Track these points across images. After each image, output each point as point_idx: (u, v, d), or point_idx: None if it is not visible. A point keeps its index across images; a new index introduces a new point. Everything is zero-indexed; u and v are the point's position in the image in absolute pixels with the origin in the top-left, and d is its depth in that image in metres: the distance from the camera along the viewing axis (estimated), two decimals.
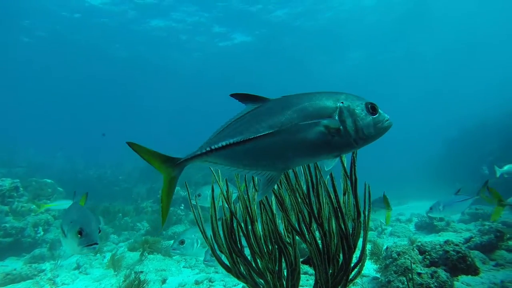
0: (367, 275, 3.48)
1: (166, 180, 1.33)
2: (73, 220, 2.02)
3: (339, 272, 1.54)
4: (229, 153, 1.26)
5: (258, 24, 21.41)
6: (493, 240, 3.90)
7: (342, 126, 1.20)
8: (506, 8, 19.93)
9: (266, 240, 1.73)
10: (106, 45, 22.73)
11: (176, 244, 2.86)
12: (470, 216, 7.21)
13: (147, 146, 1.32)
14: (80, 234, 1.92)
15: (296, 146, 1.21)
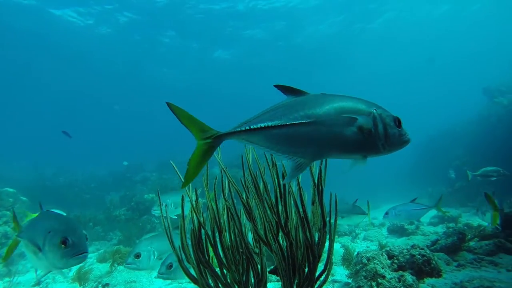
0: (339, 281, 3.53)
1: (200, 149, 1.34)
2: (52, 229, 1.66)
3: (304, 281, 1.55)
4: (266, 135, 1.34)
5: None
6: (456, 242, 4.09)
7: (373, 129, 1.32)
8: (469, 19, 21.32)
9: (233, 251, 1.72)
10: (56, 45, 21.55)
11: (131, 258, 2.64)
12: (439, 219, 7.56)
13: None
14: (64, 244, 1.59)
15: (329, 138, 1.31)
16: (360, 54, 25.00)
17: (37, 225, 1.85)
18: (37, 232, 1.73)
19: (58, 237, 1.54)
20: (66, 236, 1.55)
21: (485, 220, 4.29)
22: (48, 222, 1.76)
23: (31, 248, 1.68)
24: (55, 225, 1.70)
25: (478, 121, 11.83)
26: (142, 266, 2.65)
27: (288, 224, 1.61)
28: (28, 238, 1.71)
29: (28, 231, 1.78)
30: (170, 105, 1.30)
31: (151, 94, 30.67)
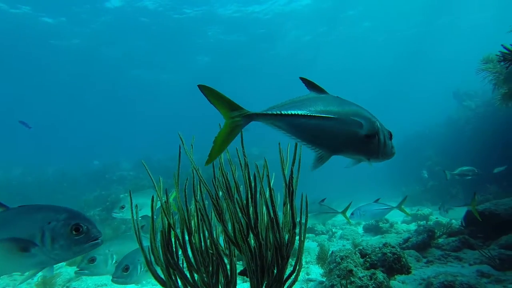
0: (314, 279, 3.57)
1: (227, 127, 1.34)
2: (52, 219, 1.39)
3: (273, 282, 1.54)
4: (294, 123, 1.41)
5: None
6: (426, 239, 4.25)
7: (377, 137, 1.51)
8: (443, 24, 22.30)
9: (202, 252, 1.68)
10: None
11: (85, 262, 2.37)
12: (412, 217, 7.85)
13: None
14: (76, 231, 1.38)
15: (346, 136, 1.46)
16: (336, 58, 25.55)
17: (18, 221, 1.51)
18: (23, 227, 1.43)
19: (67, 226, 1.35)
20: (78, 222, 1.38)
21: (446, 217, 4.54)
22: (40, 214, 1.48)
23: (14, 247, 1.36)
24: (52, 214, 1.45)
25: (448, 123, 12.39)
26: (96, 271, 2.40)
27: (258, 225, 1.60)
28: (9, 237, 1.40)
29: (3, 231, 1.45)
30: (201, 86, 1.32)
31: (130, 92, 29.94)
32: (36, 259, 1.21)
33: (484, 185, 8.23)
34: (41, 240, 1.22)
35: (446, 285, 2.62)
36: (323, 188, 17.83)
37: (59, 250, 1.22)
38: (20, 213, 1.31)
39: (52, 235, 1.23)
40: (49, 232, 1.24)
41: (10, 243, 1.18)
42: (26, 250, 1.20)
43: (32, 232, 1.23)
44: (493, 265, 3.20)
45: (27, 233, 1.25)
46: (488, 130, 9.17)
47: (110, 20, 19.12)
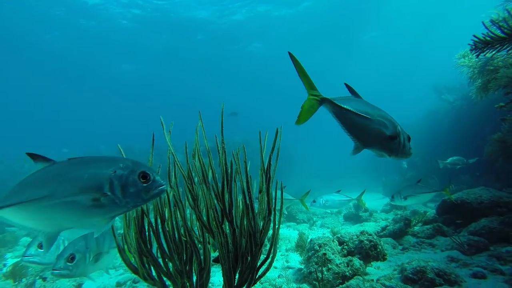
0: (292, 267, 3.62)
1: (308, 101, 1.64)
2: (117, 168, 1.26)
3: (246, 269, 1.52)
4: (346, 116, 1.73)
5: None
6: (402, 227, 4.39)
7: (398, 138, 1.80)
8: (426, 19, 22.70)
9: (175, 240, 1.64)
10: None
11: (34, 248, 2.16)
12: (391, 206, 8.08)
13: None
14: (144, 178, 1.28)
15: (376, 134, 1.75)
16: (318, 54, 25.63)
17: (81, 172, 1.29)
18: (89, 178, 1.27)
19: (134, 173, 1.25)
20: (144, 170, 1.27)
21: (403, 204, 4.73)
22: (102, 163, 1.33)
23: (86, 198, 1.21)
24: (115, 163, 1.30)
25: (428, 116, 12.74)
26: (47, 259, 2.18)
27: (232, 211, 1.57)
28: (74, 189, 1.21)
29: (65, 184, 1.21)
30: (292, 56, 1.57)
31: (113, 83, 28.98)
32: (107, 209, 1.16)
33: (459, 175, 8.57)
34: (110, 189, 1.16)
35: (419, 270, 2.71)
36: (310, 178, 18.13)
37: (129, 198, 1.18)
38: (80, 164, 1.21)
39: (121, 184, 1.17)
40: (117, 181, 1.17)
41: (81, 195, 1.11)
42: (98, 200, 1.14)
43: (100, 182, 1.15)
44: (462, 250, 3.34)
45: (95, 183, 1.16)
46: (465, 123, 9.50)
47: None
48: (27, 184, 1.14)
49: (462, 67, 5.21)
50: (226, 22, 21.78)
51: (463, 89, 10.44)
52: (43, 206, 1.08)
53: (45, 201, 1.07)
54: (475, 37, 2.61)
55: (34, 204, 1.08)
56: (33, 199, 1.07)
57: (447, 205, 4.63)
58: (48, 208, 1.09)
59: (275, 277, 3.19)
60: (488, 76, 4.27)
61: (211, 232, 1.55)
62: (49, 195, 1.07)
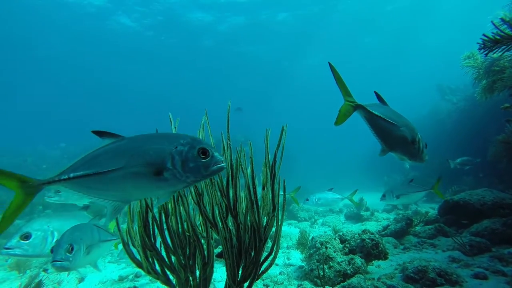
0: (294, 264, 3.63)
1: (345, 107, 1.91)
2: (179, 144, 1.30)
3: (250, 265, 1.53)
4: (376, 121, 1.94)
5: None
6: (404, 227, 4.39)
7: (417, 144, 1.99)
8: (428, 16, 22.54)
9: (179, 235, 1.65)
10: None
11: (16, 239, 1.93)
12: (392, 205, 8.08)
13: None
14: (204, 154, 1.29)
15: (400, 139, 1.95)
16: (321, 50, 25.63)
17: (146, 147, 1.32)
18: (153, 153, 1.30)
19: (194, 149, 1.27)
20: (204, 146, 1.29)
21: (395, 202, 4.77)
22: (164, 139, 1.34)
23: (150, 171, 1.24)
24: (176, 139, 1.34)
25: (430, 116, 12.67)
26: (31, 251, 1.95)
27: (237, 207, 1.57)
28: (143, 162, 1.25)
29: (135, 157, 1.26)
30: (331, 66, 1.76)
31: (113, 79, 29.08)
32: (168, 183, 1.21)
33: (461, 177, 8.54)
34: (172, 164, 1.20)
35: (420, 269, 2.71)
36: (311, 177, 18.14)
37: (189, 172, 1.22)
38: (147, 140, 1.27)
39: (182, 159, 1.22)
40: (178, 156, 1.22)
41: (146, 168, 1.17)
42: (160, 174, 1.19)
43: (163, 157, 1.20)
44: (464, 251, 3.34)
45: (158, 158, 1.20)
46: (468, 123, 9.45)
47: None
48: (99, 156, 1.18)
49: (467, 68, 5.19)
50: (226, 24, 21.96)
51: (467, 89, 10.38)
52: (117, 177, 1.15)
53: (120, 172, 1.13)
54: (485, 35, 2.60)
55: (110, 174, 1.14)
56: (112, 170, 1.13)
57: (449, 206, 4.62)
58: (121, 179, 1.15)
59: (276, 274, 3.20)
60: (493, 76, 4.25)
61: (216, 227, 1.56)
62: (123, 167, 1.13)
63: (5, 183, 1.08)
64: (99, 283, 3.43)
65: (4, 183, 1.08)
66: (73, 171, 1.14)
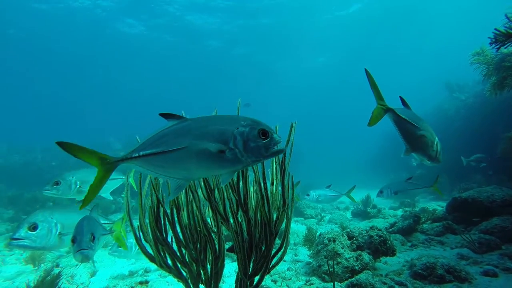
0: (301, 261, 3.65)
1: (376, 109, 2.08)
2: (240, 125, 1.31)
3: (260, 259, 1.56)
4: (402, 125, 2.13)
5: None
6: (411, 224, 4.37)
7: (436, 149, 2.20)
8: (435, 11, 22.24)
9: (191, 229, 1.68)
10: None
11: (24, 229, 1.90)
12: (400, 203, 8.04)
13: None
14: (264, 135, 1.31)
15: (419, 139, 2.12)
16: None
17: (210, 128, 1.37)
18: (217, 133, 1.34)
19: (254, 130, 1.30)
20: (264, 128, 1.32)
21: (391, 199, 4.78)
22: (226, 120, 1.40)
23: (215, 149, 1.29)
24: (237, 121, 1.38)
25: (437, 113, 12.52)
26: (38, 242, 1.92)
27: (247, 201, 1.60)
28: (207, 142, 1.30)
29: (199, 137, 1.31)
30: (367, 71, 1.93)
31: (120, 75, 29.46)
32: (230, 162, 1.26)
33: (469, 174, 8.45)
34: (234, 144, 1.25)
35: (428, 266, 2.71)
36: (318, 174, 18.11)
37: (250, 152, 1.26)
38: (209, 121, 1.32)
39: (243, 139, 1.26)
40: (240, 136, 1.26)
41: (209, 147, 1.23)
42: (224, 154, 1.25)
43: (225, 137, 1.25)
44: (473, 248, 3.32)
45: (221, 138, 1.25)
46: (476, 121, 9.32)
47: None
48: (165, 136, 1.25)
49: (476, 64, 5.12)
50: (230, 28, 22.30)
51: (476, 86, 10.23)
52: (181, 156, 1.21)
53: (184, 151, 1.19)
54: (497, 30, 2.57)
55: (175, 153, 1.21)
56: (177, 149, 1.20)
57: (457, 203, 4.58)
58: (184, 158, 1.21)
59: (284, 270, 3.23)
60: (504, 72, 4.19)
61: (227, 222, 1.59)
62: (187, 146, 1.20)
63: (88, 160, 1.20)
64: (110, 277, 3.50)
65: (87, 160, 1.20)
66: (142, 149, 1.21)
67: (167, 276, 3.41)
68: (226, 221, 1.59)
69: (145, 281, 2.54)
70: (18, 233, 1.88)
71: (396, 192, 4.73)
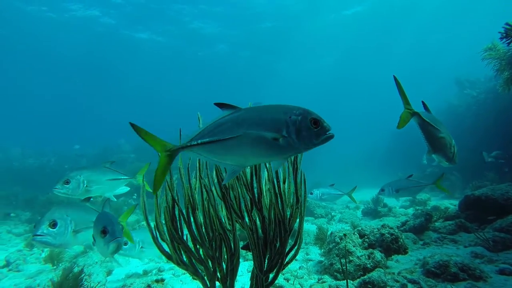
0: (313, 259, 3.67)
1: (404, 114, 2.21)
2: (292, 114, 1.34)
3: (275, 255, 1.59)
4: (425, 127, 2.28)
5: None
6: (423, 222, 4.34)
7: (453, 151, 2.34)
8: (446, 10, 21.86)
9: (206, 227, 1.72)
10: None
11: (45, 226, 1.95)
12: (410, 202, 7.96)
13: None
14: (316, 124, 1.37)
15: (440, 141, 2.30)
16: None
17: (264, 117, 1.43)
18: (271, 122, 1.39)
19: (306, 119, 1.35)
20: (315, 117, 1.38)
21: (393, 197, 4.73)
22: (279, 110, 1.44)
23: (269, 136, 1.35)
24: (290, 110, 1.43)
25: (448, 110, 12.32)
26: (58, 239, 1.97)
27: (261, 200, 1.64)
28: (262, 130, 1.37)
29: (254, 125, 1.39)
30: (395, 78, 2.05)
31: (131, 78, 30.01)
32: (282, 150, 1.33)
33: (482, 172, 8.30)
34: (287, 132, 1.32)
35: (441, 264, 2.70)
36: (326, 172, 18.03)
37: (302, 140, 1.32)
38: (263, 110, 1.40)
39: (296, 127, 1.32)
40: (292, 125, 1.32)
41: (263, 135, 1.30)
42: (277, 140, 1.31)
43: (278, 126, 1.32)
44: (487, 247, 3.28)
45: (274, 126, 1.32)
46: (489, 117, 9.15)
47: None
48: (221, 125, 1.32)
49: (488, 60, 5.05)
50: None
51: (487, 82, 10.03)
52: (237, 143, 1.28)
53: (240, 139, 1.27)
54: (508, 24, 2.55)
55: (231, 141, 1.28)
56: (233, 137, 1.28)
57: (470, 201, 4.52)
58: (240, 146, 1.29)
59: (296, 268, 3.26)
60: None
61: (242, 219, 1.63)
62: (242, 135, 1.27)
63: (152, 145, 1.28)
64: (126, 276, 3.58)
65: (152, 145, 1.28)
66: (200, 138, 1.29)
67: (180, 275, 3.47)
68: (241, 219, 1.63)
69: (161, 279, 2.61)
70: (40, 230, 1.93)
71: (398, 190, 4.72)
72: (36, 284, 3.24)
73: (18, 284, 3.41)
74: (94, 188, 2.69)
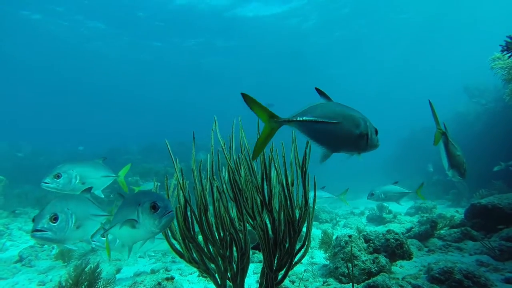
0: (318, 263, 3.71)
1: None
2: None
3: (284, 255, 1.66)
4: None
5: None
6: (428, 229, 4.35)
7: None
8: (454, 17, 21.80)
9: (218, 227, 1.80)
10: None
11: (46, 220, 1.79)
12: (415, 209, 7.94)
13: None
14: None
15: (453, 157, 2.61)
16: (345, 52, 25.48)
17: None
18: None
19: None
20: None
21: (380, 200, 4.83)
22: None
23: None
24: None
25: (456, 118, 12.25)
26: (59, 235, 1.84)
27: (272, 202, 1.71)
28: (353, 124, 1.55)
29: (345, 118, 1.54)
30: (430, 102, 2.31)
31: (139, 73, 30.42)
32: (360, 146, 1.50)
33: (490, 180, 8.24)
34: (370, 132, 1.49)
35: (446, 270, 2.72)
36: (329, 177, 17.97)
37: (371, 141, 1.51)
38: (343, 106, 1.54)
39: (371, 131, 1.51)
40: (371, 129, 1.52)
41: (354, 128, 1.47)
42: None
43: (363, 125, 1.49)
44: (493, 255, 3.29)
45: (359, 123, 1.48)
46: (498, 126, 9.09)
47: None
48: (322, 110, 1.44)
49: (496, 69, 5.06)
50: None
51: (497, 91, 9.99)
52: (335, 128, 1.41)
53: (338, 126, 1.41)
54: (509, 37, 2.60)
55: (331, 125, 1.41)
56: (334, 122, 1.41)
57: (477, 210, 4.52)
58: (337, 131, 1.41)
59: (301, 271, 3.30)
60: None
61: (254, 220, 1.70)
62: (340, 123, 1.40)
63: (259, 114, 1.34)
64: (134, 274, 3.67)
65: (258, 114, 1.34)
66: (304, 115, 1.38)
67: (187, 275, 3.55)
68: (253, 219, 1.70)
69: (171, 277, 2.68)
70: (40, 224, 1.75)
71: (386, 194, 4.86)
72: (49, 279, 3.34)
73: (32, 279, 3.52)
74: (86, 184, 2.56)
